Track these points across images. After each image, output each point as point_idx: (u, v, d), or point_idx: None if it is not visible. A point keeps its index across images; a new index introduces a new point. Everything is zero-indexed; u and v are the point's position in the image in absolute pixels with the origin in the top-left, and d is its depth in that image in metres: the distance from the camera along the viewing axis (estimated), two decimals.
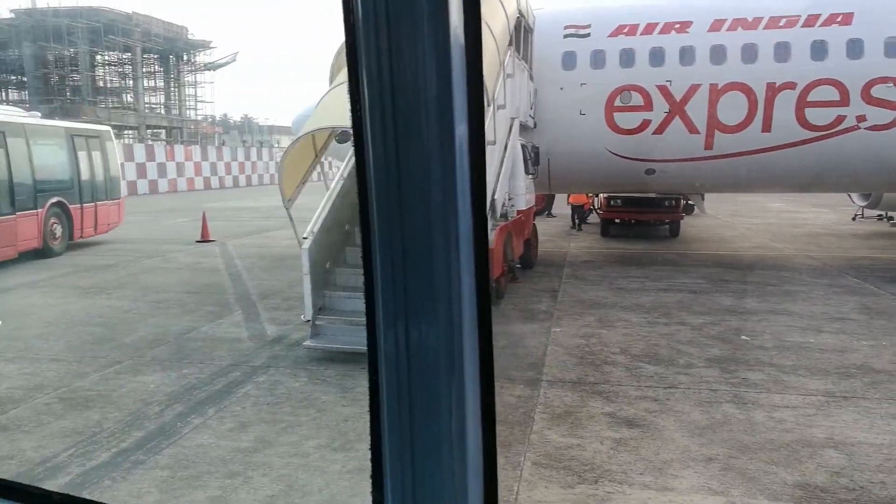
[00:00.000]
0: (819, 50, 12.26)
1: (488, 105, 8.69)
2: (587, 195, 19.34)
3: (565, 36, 13.05)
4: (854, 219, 21.15)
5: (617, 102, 12.89)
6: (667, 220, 17.68)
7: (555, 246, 16.20)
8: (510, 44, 10.10)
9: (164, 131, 52.21)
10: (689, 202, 17.18)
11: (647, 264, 13.44)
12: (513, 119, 10.63)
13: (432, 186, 0.68)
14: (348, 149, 9.24)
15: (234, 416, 5.76)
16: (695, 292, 10.61)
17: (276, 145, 64.80)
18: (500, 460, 4.86)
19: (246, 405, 6.02)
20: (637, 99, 12.89)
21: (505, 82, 9.60)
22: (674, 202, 16.94)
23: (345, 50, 0.69)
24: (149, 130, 50.39)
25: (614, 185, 15.43)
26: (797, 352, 7.38)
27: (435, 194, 0.69)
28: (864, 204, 19.05)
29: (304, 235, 7.52)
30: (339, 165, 9.66)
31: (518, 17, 10.05)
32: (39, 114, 16.59)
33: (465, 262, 0.70)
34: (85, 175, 16.33)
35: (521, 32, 10.51)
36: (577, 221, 20.02)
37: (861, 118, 12.29)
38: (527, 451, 4.98)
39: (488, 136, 8.81)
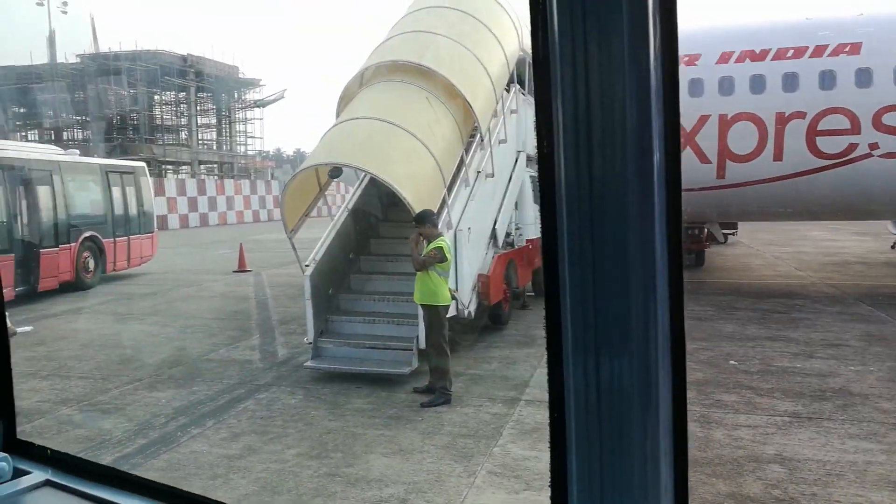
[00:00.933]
0: (828, 79, 12.41)
1: (481, 140, 9.22)
2: None
3: None
4: (893, 247, 20.70)
5: None
6: (692, 250, 17.74)
7: None
8: (512, 81, 10.65)
9: (216, 166, 54.52)
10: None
11: None
12: (519, 152, 11.12)
13: (629, 214, 0.67)
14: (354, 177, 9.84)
15: (229, 427, 6.31)
16: (700, 319, 10.77)
17: None
18: (458, 469, 5.26)
19: (242, 418, 6.57)
20: None
21: (505, 118, 10.13)
22: (697, 231, 17.02)
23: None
24: (202, 166, 52.70)
25: None
26: (780, 376, 7.54)
27: (632, 222, 0.68)
28: None
29: (307, 263, 8.12)
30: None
31: (520, 55, 10.58)
32: (78, 151, 17.40)
33: (661, 293, 0.68)
34: (118, 210, 16.84)
35: (526, 68, 11.04)
36: None
37: (874, 146, 12.33)
38: (485, 462, 5.36)
39: (486, 169, 9.32)
